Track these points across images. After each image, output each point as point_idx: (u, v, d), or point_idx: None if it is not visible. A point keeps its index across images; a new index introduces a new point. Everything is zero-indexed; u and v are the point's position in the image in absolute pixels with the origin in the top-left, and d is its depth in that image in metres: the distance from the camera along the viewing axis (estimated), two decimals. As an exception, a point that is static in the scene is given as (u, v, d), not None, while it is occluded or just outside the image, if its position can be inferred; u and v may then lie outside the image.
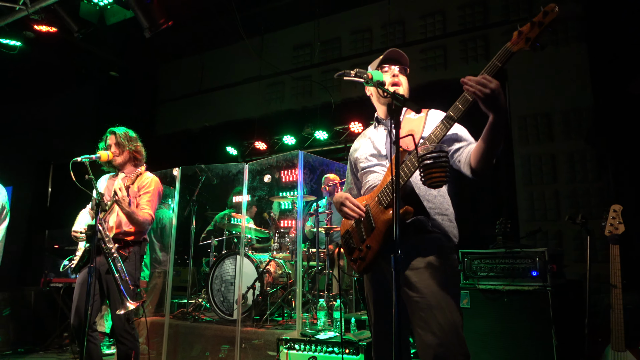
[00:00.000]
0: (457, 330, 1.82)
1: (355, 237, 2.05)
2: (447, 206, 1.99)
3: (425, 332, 1.83)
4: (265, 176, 6.41)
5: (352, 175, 2.35)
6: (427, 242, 1.92)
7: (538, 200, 5.18)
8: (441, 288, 1.85)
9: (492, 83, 1.63)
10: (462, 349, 1.80)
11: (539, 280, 3.11)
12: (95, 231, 2.62)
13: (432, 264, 1.89)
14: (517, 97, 5.47)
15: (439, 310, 1.81)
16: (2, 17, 4.33)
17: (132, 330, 3.06)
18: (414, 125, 2.04)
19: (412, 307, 1.89)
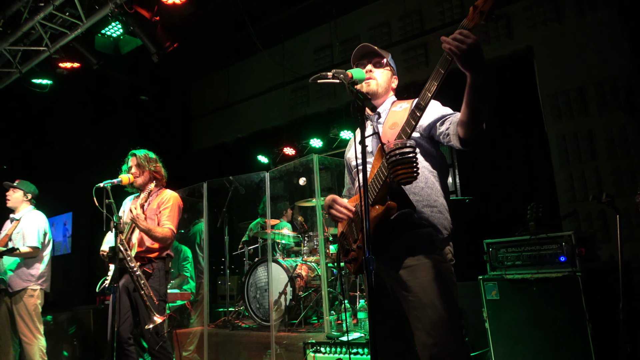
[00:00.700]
0: (452, 328, 1.77)
1: (349, 237, 2.04)
2: (435, 198, 1.93)
3: (420, 331, 1.80)
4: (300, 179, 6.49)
5: (348, 175, 2.35)
6: (417, 238, 1.87)
7: (578, 180, 4.89)
8: (433, 286, 1.80)
9: (469, 38, 1.54)
10: (458, 347, 1.76)
11: (567, 266, 2.94)
12: (116, 252, 2.77)
13: (423, 261, 1.84)
14: (545, 74, 5.20)
15: (432, 308, 1.77)
16: (30, 60, 4.71)
17: (164, 343, 3.20)
18: (398, 118, 1.99)
19: (407, 307, 1.85)
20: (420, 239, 1.88)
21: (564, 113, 5.03)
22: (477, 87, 1.61)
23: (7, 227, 4.39)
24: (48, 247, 4.38)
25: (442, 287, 1.81)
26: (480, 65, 1.57)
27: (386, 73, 2.13)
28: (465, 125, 1.73)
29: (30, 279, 4.18)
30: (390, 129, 1.93)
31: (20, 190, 4.37)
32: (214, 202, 4.94)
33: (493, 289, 3.24)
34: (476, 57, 1.55)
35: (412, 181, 1.58)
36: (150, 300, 2.95)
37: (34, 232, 4.21)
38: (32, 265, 4.22)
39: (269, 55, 6.81)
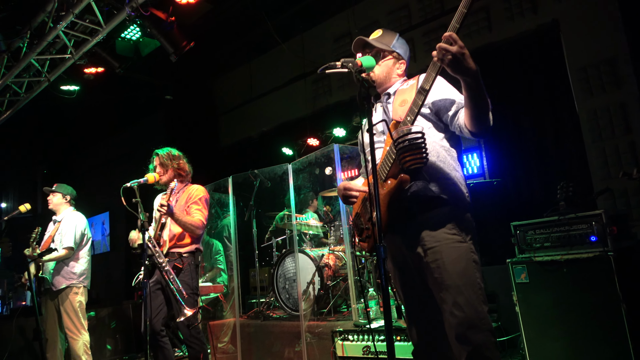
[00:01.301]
0: (476, 307, 1.76)
1: (363, 217, 2.05)
2: (448, 171, 1.91)
3: (445, 312, 1.80)
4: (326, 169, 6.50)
5: (362, 155, 2.32)
6: (434, 219, 1.86)
7: (612, 156, 4.70)
8: (454, 266, 1.79)
9: (453, 47, 1.56)
10: (483, 326, 1.74)
11: (598, 246, 2.84)
12: (145, 249, 2.87)
13: (442, 242, 1.83)
14: (573, 48, 4.99)
15: (455, 288, 1.77)
16: (57, 68, 4.90)
17: (198, 335, 3.30)
18: (406, 95, 1.98)
19: (431, 287, 1.87)
20: (438, 219, 1.86)
21: (594, 87, 4.83)
22: (470, 88, 1.66)
23: (50, 229, 4.61)
24: (86, 246, 4.59)
25: (463, 267, 1.80)
26: (468, 69, 1.60)
27: (386, 62, 2.13)
28: (470, 120, 1.78)
29: (72, 277, 4.39)
30: (400, 106, 1.93)
31: (59, 193, 4.58)
32: (241, 196, 5.03)
33: (522, 272, 3.17)
34: (462, 63, 1.59)
35: (421, 167, 1.57)
36: (179, 294, 3.04)
37: (70, 233, 4.40)
38: (71, 264, 4.43)
39: (288, 47, 6.81)
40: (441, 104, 1.91)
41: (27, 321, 5.31)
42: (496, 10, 5.57)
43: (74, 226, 4.46)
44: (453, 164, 1.94)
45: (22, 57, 4.67)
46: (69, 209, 4.63)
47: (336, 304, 4.44)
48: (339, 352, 3.27)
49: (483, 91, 1.67)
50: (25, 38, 4.29)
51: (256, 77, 7.98)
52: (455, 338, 1.78)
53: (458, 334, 1.76)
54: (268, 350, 4.31)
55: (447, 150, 1.94)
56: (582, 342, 2.88)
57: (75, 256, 4.46)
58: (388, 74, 2.12)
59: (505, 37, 5.46)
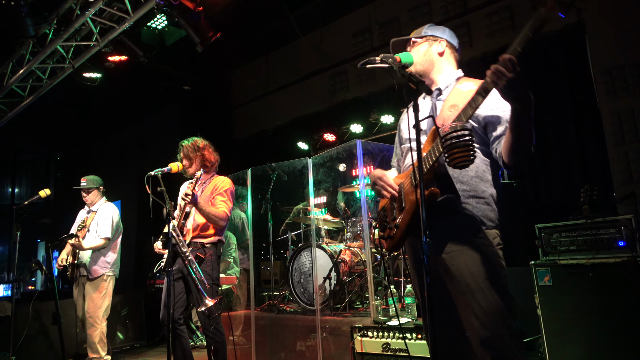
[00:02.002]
0: (502, 311, 1.73)
1: (388, 215, 2.03)
2: (484, 188, 1.86)
3: (468, 316, 1.77)
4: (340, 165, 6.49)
5: (399, 145, 2.28)
6: (460, 222, 1.83)
7: (635, 160, 4.64)
8: (480, 270, 1.76)
9: (508, 73, 1.50)
10: (509, 330, 1.71)
11: (627, 251, 2.81)
12: (169, 238, 2.87)
13: (468, 245, 1.80)
14: (598, 50, 4.92)
15: (480, 292, 1.74)
16: (82, 55, 4.91)
17: (217, 325, 3.30)
18: (460, 99, 1.89)
19: (453, 291, 1.83)
20: (465, 224, 1.84)
21: (619, 89, 4.76)
22: (518, 117, 1.60)
23: (82, 218, 4.74)
24: (119, 236, 4.71)
25: (490, 271, 1.77)
26: (521, 98, 1.54)
27: (418, 48, 2.08)
28: (508, 151, 1.72)
29: (106, 265, 4.55)
30: (449, 111, 1.86)
31: (94, 189, 4.70)
32: (259, 188, 5.03)
33: (545, 274, 3.15)
34: (515, 90, 1.53)
35: (468, 165, 1.55)
36: (201, 284, 3.05)
37: (107, 224, 4.56)
38: (107, 254, 4.59)
39: (306, 41, 6.78)
40: (490, 120, 1.85)
41: (43, 305, 5.38)
42: (520, 9, 5.51)
43: (110, 217, 4.61)
44: (491, 180, 1.90)
45: (48, 44, 4.68)
46: (103, 199, 4.78)
47: (351, 300, 4.44)
48: (357, 348, 3.26)
49: (530, 124, 1.60)
50: (52, 24, 4.29)
51: (273, 70, 7.96)
52: (480, 342, 1.75)
53: (483, 338, 1.73)
54: (282, 344, 4.32)
55: (487, 164, 1.90)
56: (604, 348, 2.86)
57: (111, 246, 4.62)
58: (427, 59, 2.06)
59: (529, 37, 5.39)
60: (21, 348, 4.83)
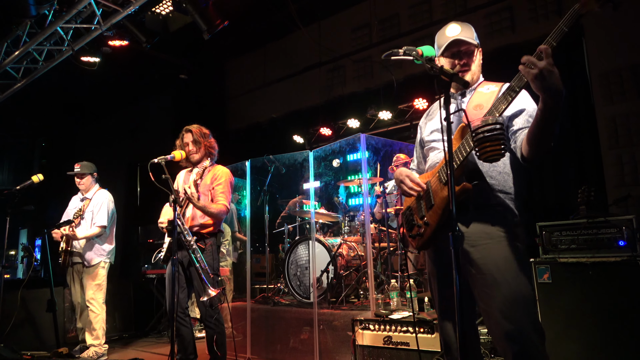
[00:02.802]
0: (527, 304, 1.75)
1: (415, 213, 2.04)
2: (511, 184, 1.89)
3: (491, 308, 1.78)
4: (334, 161, 6.48)
5: (420, 148, 2.30)
6: (489, 216, 1.85)
7: (628, 164, 4.75)
8: (505, 262, 1.78)
9: (541, 61, 1.51)
10: (533, 325, 1.73)
11: (627, 251, 2.87)
12: (175, 225, 2.84)
13: (494, 238, 1.82)
14: (596, 53, 5.01)
15: (505, 285, 1.75)
16: (82, 38, 4.80)
17: (217, 315, 3.28)
18: (484, 100, 1.93)
19: (476, 284, 1.84)
20: (491, 218, 1.85)
21: (615, 93, 4.87)
22: (546, 107, 1.59)
23: (76, 205, 4.69)
24: (114, 224, 4.67)
25: (517, 265, 1.79)
26: (551, 88, 1.54)
27: (478, 58, 2.06)
28: (530, 143, 1.71)
29: (102, 253, 4.56)
30: (474, 110, 1.88)
31: (88, 175, 4.65)
32: (257, 180, 5.00)
33: (545, 272, 3.20)
34: (547, 80, 1.52)
35: (499, 159, 1.56)
36: (205, 274, 3.02)
37: (103, 212, 4.54)
38: (104, 241, 4.59)
39: (306, 34, 6.74)
40: (513, 114, 1.87)
41: (30, 293, 5.27)
42: (521, 10, 5.57)
43: (106, 205, 4.59)
44: (517, 177, 1.92)
45: (48, 25, 4.55)
46: (96, 186, 4.73)
47: (347, 294, 4.45)
48: (358, 341, 3.28)
49: (558, 116, 1.61)
50: (54, 4, 4.17)
51: (270, 62, 7.91)
52: (504, 335, 1.76)
53: (507, 332, 1.74)
54: (278, 336, 4.32)
55: (513, 161, 1.92)
56: (602, 346, 2.92)
57: (107, 233, 4.62)
58: (479, 68, 2.07)
59: (528, 39, 5.45)
60: (9, 335, 4.73)
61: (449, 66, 2.01)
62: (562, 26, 1.57)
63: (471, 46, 2.02)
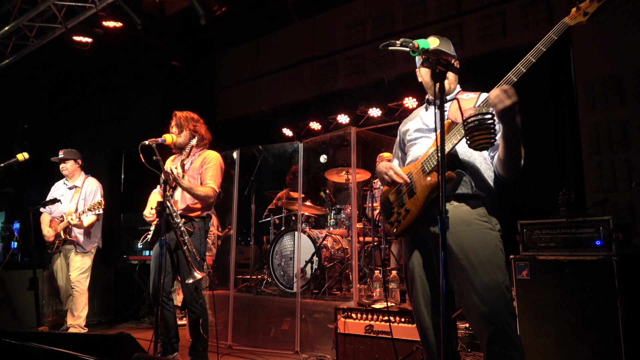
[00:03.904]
0: (502, 289, 1.83)
1: (395, 202, 2.11)
2: (489, 181, 2.02)
3: (469, 292, 1.85)
4: (321, 157, 6.53)
5: (399, 149, 2.42)
6: (468, 206, 1.96)
7: (608, 170, 4.90)
8: (484, 249, 1.87)
9: (507, 100, 1.69)
10: (507, 308, 1.81)
11: (603, 250, 2.97)
12: (164, 207, 2.85)
13: (471, 225, 1.92)
14: (582, 62, 5.15)
15: (482, 270, 1.84)
16: (75, 17, 4.74)
17: (200, 299, 3.30)
18: (464, 105, 2.03)
19: (453, 269, 1.92)
20: (470, 207, 1.96)
21: (598, 101, 5.01)
22: (506, 136, 1.79)
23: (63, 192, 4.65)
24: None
25: (492, 251, 1.89)
26: (510, 122, 1.74)
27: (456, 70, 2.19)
28: (501, 166, 1.93)
29: (95, 239, 4.63)
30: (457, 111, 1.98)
31: (71, 160, 4.63)
32: (245, 170, 5.01)
33: (524, 268, 3.29)
34: (508, 115, 1.72)
35: (488, 147, 1.63)
36: (192, 256, 3.03)
37: (98, 198, 4.54)
38: (97, 228, 4.66)
39: (300, 28, 6.77)
40: None
41: (7, 274, 5.22)
42: (512, 16, 5.68)
43: (99, 193, 4.64)
44: (491, 175, 2.06)
45: (41, 1, 4.47)
46: (82, 174, 4.72)
47: (330, 285, 4.50)
48: (340, 329, 3.33)
49: (519, 145, 1.81)
50: (49, -19, 4.12)
51: (262, 54, 7.91)
52: (480, 317, 1.84)
53: (483, 314, 1.82)
54: (260, 324, 4.35)
55: (488, 163, 2.07)
56: (575, 341, 3.02)
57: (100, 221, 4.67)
58: (456, 78, 2.21)
59: (518, 44, 5.58)
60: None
61: (429, 76, 2.15)
62: (552, 35, 1.76)
63: (449, 57, 2.14)
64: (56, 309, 5.65)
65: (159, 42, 6.78)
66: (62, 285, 4.61)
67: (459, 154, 2.00)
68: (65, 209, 4.52)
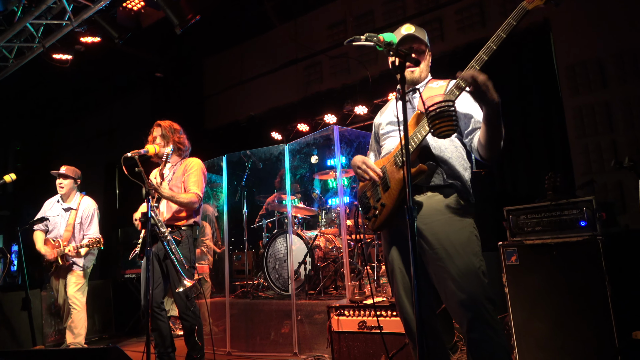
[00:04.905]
0: (478, 275, 1.84)
1: (371, 197, 2.12)
2: (462, 170, 2.03)
3: (445, 280, 1.86)
4: (312, 157, 6.54)
5: (375, 142, 2.44)
6: (441, 196, 1.98)
7: (594, 152, 4.92)
8: (457, 236, 1.89)
9: (479, 77, 1.67)
10: (484, 293, 1.82)
11: (588, 230, 2.99)
12: (148, 217, 2.85)
13: (445, 214, 1.93)
14: (562, 46, 5.18)
15: (457, 256, 1.85)
16: (53, 35, 4.75)
17: (193, 307, 3.30)
18: (434, 93, 2.02)
19: (429, 260, 1.93)
20: (445, 195, 1.98)
21: (581, 85, 5.03)
22: (488, 117, 1.77)
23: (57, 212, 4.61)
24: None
25: (467, 238, 1.91)
26: (488, 101, 1.70)
27: (428, 59, 2.22)
28: (483, 147, 1.90)
29: (92, 258, 4.62)
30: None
31: (71, 179, 4.60)
32: (234, 175, 5.02)
33: (513, 254, 3.30)
34: (485, 95, 1.68)
35: (451, 134, 1.64)
36: (180, 265, 3.04)
37: (94, 223, 4.59)
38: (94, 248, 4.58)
39: (282, 32, 6.80)
40: (464, 115, 2.02)
41: (5, 296, 5.21)
42: (491, 6, 5.71)
43: (95, 215, 4.63)
44: (464, 164, 2.07)
45: (17, 21, 4.49)
46: (78, 195, 4.69)
47: (325, 285, 4.51)
48: (334, 327, 3.33)
49: (500, 123, 1.78)
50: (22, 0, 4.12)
51: (247, 60, 7.93)
52: (458, 304, 1.85)
53: (460, 301, 1.83)
54: (257, 328, 4.35)
55: (463, 151, 2.09)
56: (567, 322, 3.03)
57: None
58: (427, 68, 2.23)
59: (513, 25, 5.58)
60: (-16, 338, 4.68)
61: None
62: (510, 20, 1.74)
63: (423, 45, 2.17)
64: (58, 329, 5.64)
65: (143, 54, 6.79)
66: (62, 304, 4.60)
67: (430, 146, 2.01)
68: (63, 233, 4.51)
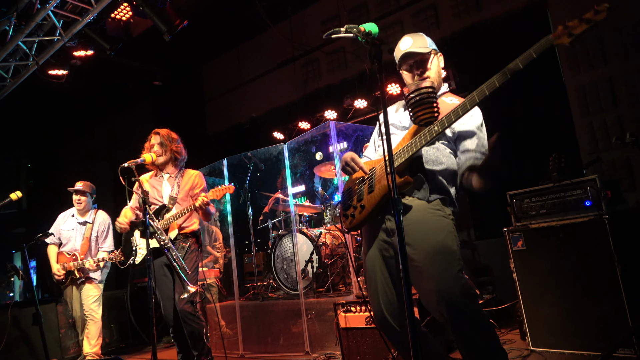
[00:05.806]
0: (453, 273, 1.81)
1: (354, 195, 2.09)
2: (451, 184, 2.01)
3: (422, 280, 1.84)
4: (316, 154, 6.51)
5: (377, 135, 2.37)
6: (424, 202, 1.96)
7: (600, 130, 4.80)
8: (434, 235, 1.86)
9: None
10: (462, 290, 1.78)
11: (593, 210, 2.92)
12: (147, 226, 2.86)
13: (427, 212, 1.91)
14: (560, 23, 5.06)
15: (435, 254, 1.83)
16: (46, 51, 4.79)
17: (196, 312, 3.30)
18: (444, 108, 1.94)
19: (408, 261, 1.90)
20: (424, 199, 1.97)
21: (582, 62, 4.91)
22: None
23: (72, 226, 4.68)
24: None
25: (444, 237, 1.88)
26: None
27: (435, 63, 2.12)
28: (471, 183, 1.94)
29: (106, 270, 4.72)
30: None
31: (88, 194, 4.71)
32: (236, 177, 5.02)
33: (519, 239, 3.25)
34: None
35: (432, 121, 1.60)
36: (183, 271, 3.04)
37: (110, 237, 4.71)
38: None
39: (276, 31, 6.77)
40: (462, 133, 1.99)
41: (21, 312, 5.28)
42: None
43: (111, 230, 4.74)
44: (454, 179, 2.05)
45: (9, 40, 4.53)
46: (93, 209, 4.78)
47: (334, 282, 4.48)
48: (342, 324, 3.31)
49: None
50: (12, 19, 4.16)
51: (245, 62, 7.92)
52: (437, 304, 1.82)
53: (438, 300, 1.80)
54: (268, 329, 4.35)
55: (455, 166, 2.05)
56: (578, 304, 2.97)
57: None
58: (439, 73, 2.13)
59: (495, 16, 5.50)
60: (2, 354, 4.74)
61: (409, 77, 2.10)
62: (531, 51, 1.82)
63: (425, 55, 2.07)
64: (77, 341, 5.70)
65: (140, 64, 6.82)
66: (78, 316, 4.66)
67: (423, 159, 1.97)
68: (79, 246, 4.58)
